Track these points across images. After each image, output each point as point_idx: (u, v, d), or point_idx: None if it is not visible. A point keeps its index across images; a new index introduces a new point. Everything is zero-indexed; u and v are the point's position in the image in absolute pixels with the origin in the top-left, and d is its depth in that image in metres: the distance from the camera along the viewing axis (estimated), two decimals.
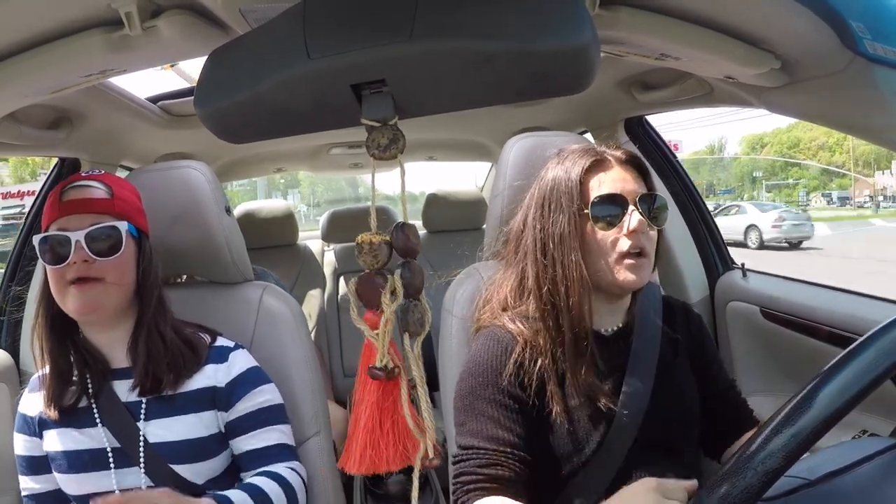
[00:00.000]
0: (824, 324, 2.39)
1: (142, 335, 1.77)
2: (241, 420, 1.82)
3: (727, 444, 1.79)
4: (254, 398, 1.83)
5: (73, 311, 1.69)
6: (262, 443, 1.83)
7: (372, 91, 1.16)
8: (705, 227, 3.07)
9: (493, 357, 1.68)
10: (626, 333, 1.76)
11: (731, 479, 0.96)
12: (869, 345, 0.96)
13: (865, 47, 1.42)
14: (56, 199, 1.72)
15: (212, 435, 1.80)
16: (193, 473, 1.76)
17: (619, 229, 1.65)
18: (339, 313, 4.55)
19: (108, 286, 1.70)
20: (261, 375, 1.88)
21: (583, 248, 1.67)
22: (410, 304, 1.24)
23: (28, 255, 2.79)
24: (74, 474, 1.75)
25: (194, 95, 1.25)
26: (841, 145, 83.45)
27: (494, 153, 4.41)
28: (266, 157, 4.57)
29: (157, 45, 1.59)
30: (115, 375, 1.80)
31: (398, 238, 1.22)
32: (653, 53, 1.86)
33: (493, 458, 1.58)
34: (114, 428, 1.75)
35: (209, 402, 1.80)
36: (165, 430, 1.75)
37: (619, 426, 1.62)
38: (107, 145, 2.84)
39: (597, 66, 1.13)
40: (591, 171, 1.71)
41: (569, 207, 1.67)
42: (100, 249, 1.69)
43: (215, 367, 1.83)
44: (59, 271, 1.68)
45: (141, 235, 1.82)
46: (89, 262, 1.67)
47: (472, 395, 1.66)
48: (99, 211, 1.73)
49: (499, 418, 1.62)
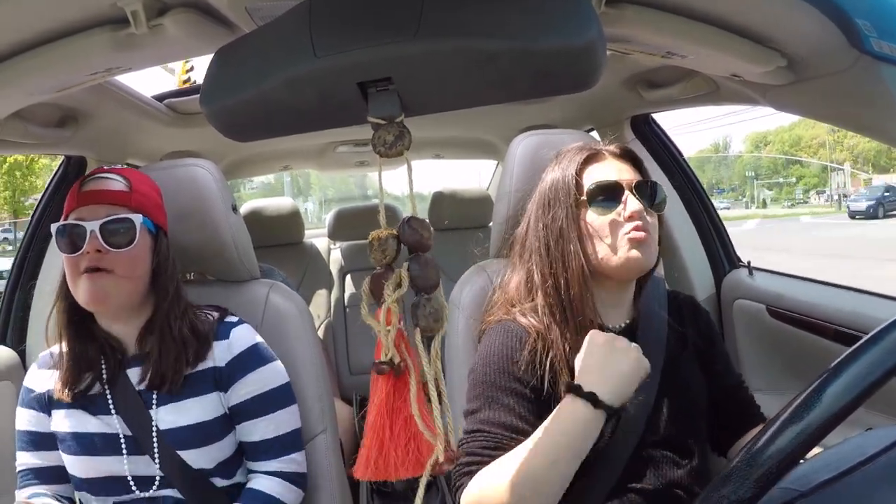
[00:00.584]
0: (831, 322, 2.39)
1: (154, 330, 1.78)
2: (239, 406, 1.83)
3: (734, 440, 1.79)
4: (253, 382, 1.84)
5: (82, 300, 1.70)
6: (260, 435, 1.84)
7: (378, 89, 1.15)
8: (711, 225, 3.06)
9: (507, 347, 1.67)
10: (634, 329, 1.76)
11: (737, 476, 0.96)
12: (876, 342, 0.95)
13: (871, 45, 1.42)
14: (76, 190, 1.74)
15: (216, 418, 1.80)
16: (201, 458, 1.77)
17: (618, 214, 1.66)
18: (345, 311, 4.56)
19: (117, 278, 1.70)
20: (262, 353, 1.88)
21: (582, 237, 1.68)
22: (422, 299, 1.21)
23: (34, 253, 2.79)
24: (84, 457, 1.76)
25: (200, 93, 1.25)
26: (841, 143, 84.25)
27: (501, 151, 4.41)
28: (272, 156, 4.58)
29: (163, 43, 1.59)
30: (131, 363, 1.80)
31: (405, 231, 1.21)
32: (659, 51, 1.86)
33: (500, 442, 1.57)
34: (127, 416, 1.76)
35: (212, 383, 1.81)
36: (175, 416, 1.76)
37: (626, 420, 1.61)
38: (113, 143, 2.84)
39: (603, 64, 1.12)
40: (587, 164, 1.73)
41: (566, 201, 1.69)
42: (113, 241, 1.69)
43: (217, 345, 1.84)
44: (74, 260, 1.69)
45: (158, 230, 1.83)
46: (102, 253, 1.68)
47: (485, 384, 1.66)
48: (116, 203, 1.74)
49: (513, 406, 1.61)
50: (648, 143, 3.13)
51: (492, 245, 2.13)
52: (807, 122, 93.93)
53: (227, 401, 1.82)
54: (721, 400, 1.81)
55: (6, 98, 1.78)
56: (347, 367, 4.44)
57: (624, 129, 3.16)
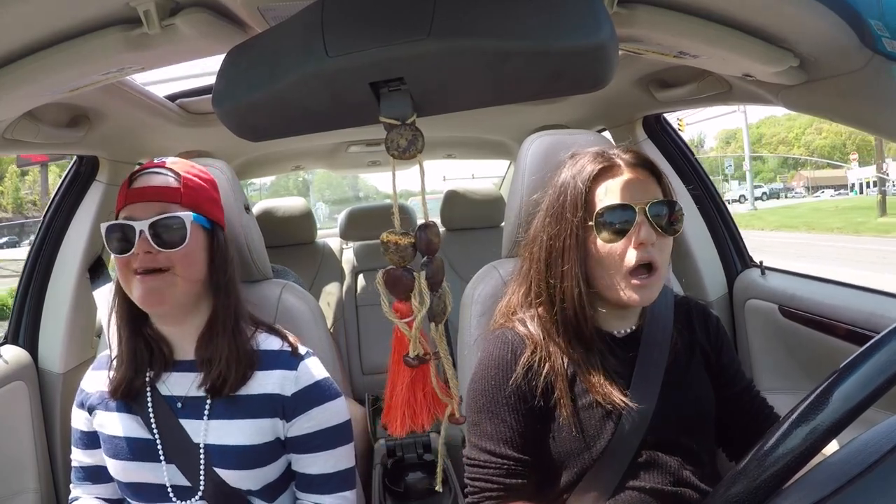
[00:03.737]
0: (843, 322, 2.39)
1: (216, 332, 1.75)
2: (299, 439, 1.78)
3: (746, 445, 1.78)
4: (316, 416, 1.77)
5: (137, 300, 1.67)
6: (317, 469, 1.80)
7: (390, 89, 1.16)
8: (724, 225, 3.07)
9: (502, 359, 1.69)
10: (639, 335, 1.76)
11: (746, 477, 0.96)
12: (888, 341, 0.95)
13: (884, 45, 1.41)
14: (126, 187, 1.71)
15: (267, 443, 1.74)
16: (245, 479, 1.73)
17: (628, 241, 1.61)
18: (357, 311, 4.56)
19: (174, 277, 1.67)
20: (328, 389, 1.82)
21: (588, 261, 1.66)
22: (434, 298, 1.28)
23: (46, 254, 2.81)
24: (122, 461, 1.73)
25: (212, 93, 1.25)
26: (799, 139, 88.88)
27: (513, 151, 4.42)
28: (284, 156, 4.59)
29: (176, 42, 1.60)
30: (179, 367, 1.78)
31: (422, 239, 1.25)
32: (671, 51, 1.86)
33: (510, 469, 1.62)
34: (160, 423, 1.73)
35: (270, 409, 1.74)
36: (223, 432, 1.72)
37: (627, 426, 1.62)
38: (125, 143, 2.85)
39: (615, 64, 1.13)
40: (599, 178, 1.67)
41: (573, 218, 1.64)
42: (164, 240, 1.65)
43: (283, 375, 1.76)
44: (125, 260, 1.66)
45: (213, 226, 1.79)
46: (153, 253, 1.64)
47: (484, 397, 1.68)
48: (165, 199, 1.69)
49: (511, 423, 1.64)
50: (660, 143, 3.13)
51: (504, 245, 2.13)
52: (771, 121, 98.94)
53: (286, 430, 1.77)
54: (731, 406, 1.80)
55: (19, 97, 1.79)
56: (360, 367, 4.44)
57: (636, 129, 3.16)
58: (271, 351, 1.80)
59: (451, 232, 4.75)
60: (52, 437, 2.73)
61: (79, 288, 2.79)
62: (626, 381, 1.67)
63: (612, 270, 1.62)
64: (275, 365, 1.77)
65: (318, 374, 1.80)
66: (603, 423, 1.62)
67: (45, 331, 2.78)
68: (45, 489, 2.65)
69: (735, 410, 1.80)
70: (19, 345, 2.75)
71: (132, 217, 1.65)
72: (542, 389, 1.63)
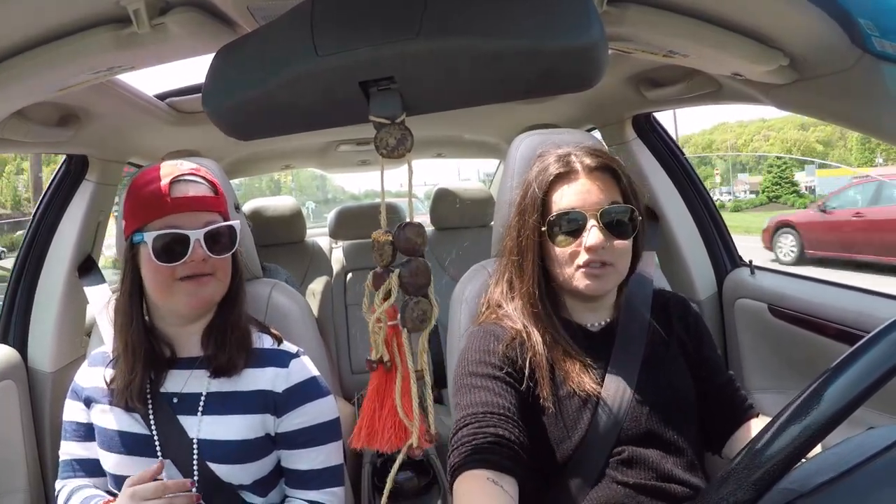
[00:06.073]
0: (833, 321, 2.39)
1: (227, 322, 1.83)
2: (289, 435, 1.83)
3: (726, 437, 1.80)
4: (305, 413, 1.83)
5: (184, 306, 1.73)
6: (306, 465, 1.84)
7: (380, 88, 1.16)
8: (713, 224, 3.06)
9: (484, 342, 1.74)
10: (613, 328, 1.80)
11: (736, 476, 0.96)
12: (877, 341, 0.95)
13: (874, 44, 1.42)
14: (163, 195, 1.71)
15: (258, 438, 1.79)
16: (236, 474, 1.76)
17: (579, 244, 1.68)
18: (346, 310, 4.56)
19: (218, 282, 1.76)
20: (318, 387, 1.88)
21: (546, 259, 1.75)
22: (410, 302, 1.27)
23: (36, 252, 2.79)
24: (116, 455, 1.76)
25: (202, 93, 1.25)
26: (748, 145, 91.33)
27: (502, 150, 4.42)
28: (274, 155, 4.58)
29: (165, 42, 1.59)
30: (177, 365, 1.83)
31: (399, 237, 1.25)
32: (661, 50, 1.86)
33: (490, 420, 1.58)
34: (158, 419, 1.76)
35: (262, 405, 1.80)
36: (216, 427, 1.76)
37: (604, 416, 1.64)
38: (115, 142, 2.84)
39: (605, 64, 1.13)
40: (557, 182, 1.73)
41: (531, 218, 1.73)
42: (216, 248, 1.73)
43: (275, 372, 1.83)
44: (170, 269, 1.69)
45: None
46: (205, 261, 1.71)
47: (465, 376, 1.70)
48: (210, 209, 1.77)
49: (493, 388, 1.64)
50: (650, 142, 3.14)
51: (493, 244, 2.13)
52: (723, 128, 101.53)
53: (277, 426, 1.82)
54: (710, 398, 1.82)
55: (8, 97, 1.78)
56: (349, 366, 4.44)
57: (626, 128, 3.16)
58: (264, 349, 1.86)
59: (441, 231, 4.74)
60: (42, 437, 2.72)
61: (68, 287, 2.78)
62: (602, 372, 1.71)
63: (567, 268, 1.71)
64: (267, 362, 1.83)
65: (308, 372, 1.86)
66: (580, 413, 1.65)
67: (35, 330, 2.76)
68: (34, 489, 2.63)
69: (715, 404, 1.82)
70: (8, 344, 2.73)
71: (178, 226, 1.70)
72: (527, 374, 1.67)
